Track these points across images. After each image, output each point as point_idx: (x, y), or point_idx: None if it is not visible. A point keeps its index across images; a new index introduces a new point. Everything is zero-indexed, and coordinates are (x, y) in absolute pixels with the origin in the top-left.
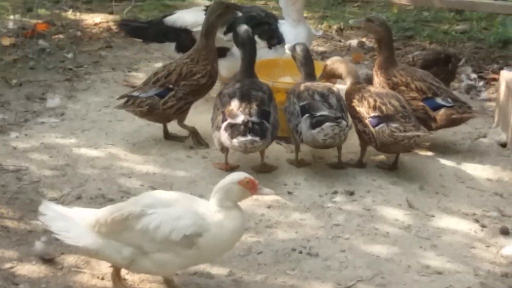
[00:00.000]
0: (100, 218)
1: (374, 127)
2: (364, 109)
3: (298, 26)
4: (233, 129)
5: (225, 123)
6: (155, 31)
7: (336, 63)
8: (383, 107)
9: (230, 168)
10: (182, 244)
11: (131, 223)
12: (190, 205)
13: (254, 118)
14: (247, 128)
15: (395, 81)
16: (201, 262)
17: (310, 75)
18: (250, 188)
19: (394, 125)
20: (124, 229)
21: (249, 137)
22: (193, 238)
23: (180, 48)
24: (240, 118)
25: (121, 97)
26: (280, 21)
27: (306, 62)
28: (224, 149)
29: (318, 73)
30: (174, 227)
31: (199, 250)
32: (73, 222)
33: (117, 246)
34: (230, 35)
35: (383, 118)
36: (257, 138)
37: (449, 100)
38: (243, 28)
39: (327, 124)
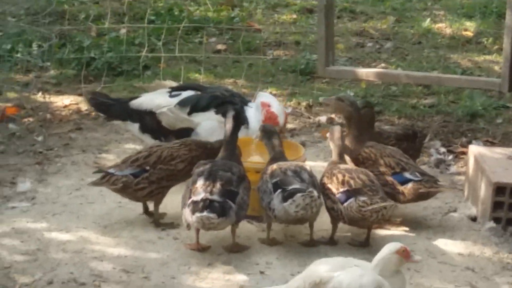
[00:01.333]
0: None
1: (343, 203)
2: (333, 186)
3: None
4: (194, 206)
5: (189, 200)
6: (120, 110)
7: (332, 134)
8: (352, 181)
9: (202, 248)
10: None
11: (322, 287)
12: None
13: (215, 197)
14: (205, 205)
15: (364, 156)
16: None
17: (277, 147)
18: (405, 256)
19: (362, 198)
20: None
21: (204, 213)
22: None
23: (144, 129)
24: (201, 196)
25: (98, 171)
26: (250, 104)
27: (270, 136)
28: (189, 226)
29: (287, 152)
30: (362, 283)
31: None
32: None
33: None
34: (194, 115)
35: (352, 192)
36: (212, 215)
37: (417, 174)
38: (231, 113)
39: (298, 194)
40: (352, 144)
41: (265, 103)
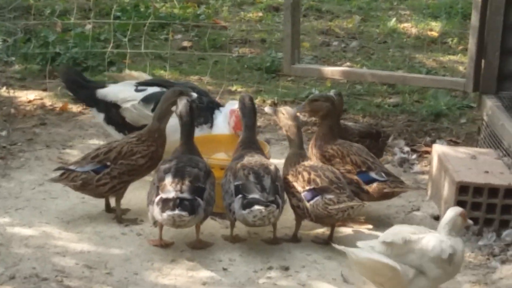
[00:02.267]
0: (391, 242)
1: (309, 201)
2: (298, 184)
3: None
4: (164, 204)
5: (157, 198)
6: (88, 95)
7: (287, 119)
8: (318, 179)
9: (165, 244)
10: (446, 261)
11: (412, 245)
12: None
13: (185, 195)
14: (176, 203)
15: (331, 153)
16: (447, 279)
17: (249, 128)
18: (464, 219)
19: (329, 196)
20: (408, 251)
21: (176, 212)
22: (452, 256)
23: (109, 120)
24: (171, 194)
25: (58, 169)
26: (221, 109)
27: (245, 113)
28: (156, 223)
29: None
30: (442, 247)
31: (452, 266)
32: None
33: (405, 268)
34: None
35: (318, 191)
36: (184, 213)
37: (383, 174)
38: (183, 101)
39: (256, 207)
40: (321, 141)
41: (234, 110)
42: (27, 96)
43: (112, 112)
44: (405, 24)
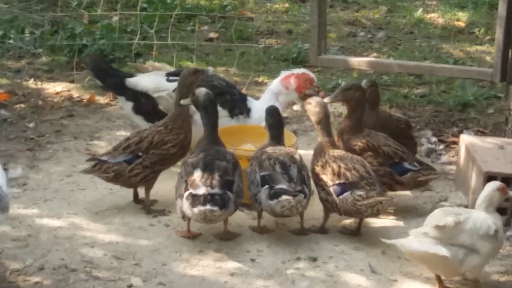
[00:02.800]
0: (444, 225)
1: (338, 195)
2: (327, 177)
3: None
4: (194, 199)
5: (187, 193)
6: (117, 83)
7: (315, 107)
8: (348, 174)
9: (193, 236)
10: (492, 237)
11: (462, 226)
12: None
13: (216, 190)
14: (207, 199)
15: (361, 147)
16: (495, 255)
17: (275, 138)
18: (504, 192)
19: (359, 192)
20: (459, 232)
21: (208, 207)
22: (497, 233)
23: (138, 110)
24: (202, 190)
25: (90, 160)
26: (249, 98)
27: (271, 124)
28: (185, 216)
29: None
30: (489, 224)
31: (498, 242)
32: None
33: (454, 251)
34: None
35: (348, 186)
36: (216, 208)
37: (415, 164)
38: (204, 91)
39: (284, 197)
40: (348, 134)
41: (288, 75)
42: (55, 88)
43: (142, 101)
44: (431, 14)
